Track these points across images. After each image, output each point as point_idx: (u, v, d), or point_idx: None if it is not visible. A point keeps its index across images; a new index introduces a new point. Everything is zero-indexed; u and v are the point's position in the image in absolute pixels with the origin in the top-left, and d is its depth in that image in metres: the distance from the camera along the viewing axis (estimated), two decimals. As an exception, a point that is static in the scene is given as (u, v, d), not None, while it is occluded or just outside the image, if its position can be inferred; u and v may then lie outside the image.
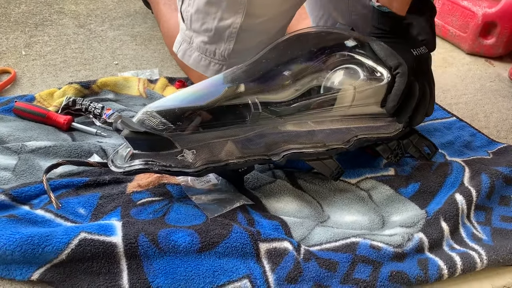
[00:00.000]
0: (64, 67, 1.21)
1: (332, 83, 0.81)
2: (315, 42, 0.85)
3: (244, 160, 0.76)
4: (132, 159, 0.73)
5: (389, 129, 0.85)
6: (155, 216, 0.73)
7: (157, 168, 0.72)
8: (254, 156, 0.77)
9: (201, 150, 0.73)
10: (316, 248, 0.72)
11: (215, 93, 0.76)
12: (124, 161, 0.73)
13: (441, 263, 0.72)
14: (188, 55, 1.03)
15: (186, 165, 0.73)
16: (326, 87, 0.82)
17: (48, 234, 0.64)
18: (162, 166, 0.72)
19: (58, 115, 0.95)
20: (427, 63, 0.86)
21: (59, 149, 0.85)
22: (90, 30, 1.41)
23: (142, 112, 0.73)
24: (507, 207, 0.87)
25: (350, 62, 0.82)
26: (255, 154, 0.77)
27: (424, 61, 0.84)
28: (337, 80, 0.81)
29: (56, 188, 0.77)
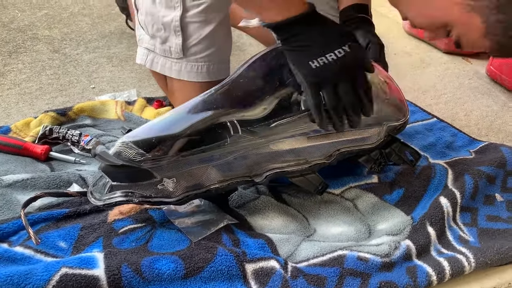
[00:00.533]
0: (40, 95, 1.19)
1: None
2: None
3: (226, 184, 0.76)
4: (112, 191, 0.72)
5: (370, 139, 0.84)
6: (138, 244, 0.71)
7: (137, 199, 0.71)
8: (237, 178, 0.76)
9: (182, 177, 0.72)
10: (303, 264, 0.71)
11: (192, 118, 0.74)
12: (103, 193, 0.72)
13: (430, 270, 0.72)
14: (155, 62, 1.04)
15: (166, 195, 0.72)
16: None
17: (28, 272, 0.62)
18: (143, 197, 0.71)
19: (35, 146, 0.93)
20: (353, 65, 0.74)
21: (37, 181, 0.83)
22: (65, 55, 1.40)
23: (119, 143, 0.72)
24: (492, 206, 0.87)
25: None
26: (237, 176, 0.76)
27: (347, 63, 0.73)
28: None
29: (35, 222, 0.75)
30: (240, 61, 1.40)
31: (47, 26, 1.56)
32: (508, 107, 1.31)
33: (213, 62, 1.01)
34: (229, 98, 0.77)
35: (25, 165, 0.91)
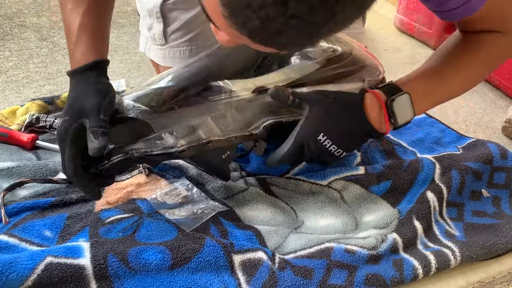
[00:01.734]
0: (27, 83, 1.18)
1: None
2: None
3: (225, 138, 0.75)
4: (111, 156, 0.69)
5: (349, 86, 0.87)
6: (125, 234, 0.71)
7: (139, 154, 0.69)
8: (235, 133, 0.76)
9: (180, 130, 0.71)
10: (291, 256, 0.71)
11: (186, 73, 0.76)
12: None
13: (416, 263, 0.72)
14: (150, 50, 1.05)
15: (168, 147, 0.70)
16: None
17: (12, 260, 0.61)
18: (143, 152, 0.69)
19: (21, 134, 0.92)
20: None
21: (23, 169, 0.82)
22: (54, 43, 1.38)
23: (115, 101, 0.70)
24: (478, 202, 0.88)
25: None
26: (235, 131, 0.76)
27: None
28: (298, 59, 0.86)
29: (20, 211, 0.74)
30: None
31: (35, 14, 1.54)
32: (496, 104, 1.32)
33: (195, 46, 1.00)
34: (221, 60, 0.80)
35: (11, 154, 0.89)
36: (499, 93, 1.40)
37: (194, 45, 1.00)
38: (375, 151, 1.00)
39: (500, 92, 1.41)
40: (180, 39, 0.99)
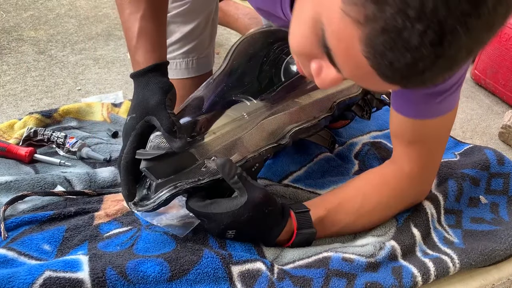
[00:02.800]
0: (24, 96, 1.18)
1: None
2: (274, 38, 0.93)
3: (258, 154, 0.77)
4: (157, 190, 0.70)
5: (355, 88, 0.90)
6: (123, 247, 0.71)
7: (188, 185, 0.69)
8: (265, 147, 0.78)
9: (220, 154, 0.73)
10: (289, 266, 0.71)
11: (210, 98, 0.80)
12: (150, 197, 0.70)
13: (415, 271, 0.72)
14: None
15: (214, 173, 0.71)
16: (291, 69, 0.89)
17: (11, 275, 0.61)
18: (192, 182, 0.69)
19: (19, 148, 0.92)
20: None
21: (21, 183, 0.82)
22: (51, 56, 1.39)
23: (153, 137, 0.71)
24: (476, 208, 0.88)
25: None
26: (265, 145, 0.79)
27: None
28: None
29: (18, 225, 0.74)
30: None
31: (32, 27, 1.55)
32: (492, 110, 1.33)
33: (190, 58, 1.01)
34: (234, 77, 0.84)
35: (9, 168, 0.89)
36: (495, 99, 1.40)
37: (190, 57, 1.01)
38: (373, 158, 1.00)
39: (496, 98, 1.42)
40: (177, 51, 0.99)
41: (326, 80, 0.54)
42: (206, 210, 0.69)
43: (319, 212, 0.75)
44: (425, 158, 0.78)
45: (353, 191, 0.79)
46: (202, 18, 0.99)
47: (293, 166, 0.96)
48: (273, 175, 0.93)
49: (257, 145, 0.78)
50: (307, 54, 0.53)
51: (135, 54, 0.75)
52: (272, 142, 0.80)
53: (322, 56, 0.51)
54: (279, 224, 0.72)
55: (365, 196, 0.78)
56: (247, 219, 0.68)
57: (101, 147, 0.97)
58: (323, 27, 0.48)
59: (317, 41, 0.50)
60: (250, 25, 1.36)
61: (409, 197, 0.82)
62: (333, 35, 0.47)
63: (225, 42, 1.54)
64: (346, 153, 1.03)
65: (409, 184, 0.80)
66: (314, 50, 0.52)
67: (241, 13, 1.38)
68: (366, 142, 1.05)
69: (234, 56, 0.87)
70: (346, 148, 1.04)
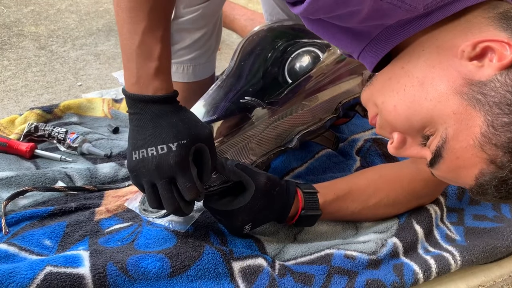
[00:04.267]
0: (25, 92, 1.18)
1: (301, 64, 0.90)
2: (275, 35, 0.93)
3: (266, 157, 0.79)
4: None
5: (359, 87, 0.90)
6: (124, 243, 0.71)
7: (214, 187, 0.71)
8: (273, 150, 0.80)
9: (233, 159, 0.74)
10: (291, 263, 0.71)
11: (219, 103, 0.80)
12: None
13: (416, 268, 0.72)
14: None
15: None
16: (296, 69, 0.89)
17: (12, 270, 0.61)
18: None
19: (20, 143, 0.92)
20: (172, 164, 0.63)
21: (21, 178, 0.82)
22: (52, 52, 1.38)
23: None
24: (477, 206, 0.88)
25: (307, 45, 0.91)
26: (273, 149, 0.80)
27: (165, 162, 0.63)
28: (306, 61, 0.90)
29: (19, 220, 0.74)
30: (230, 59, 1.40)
31: (33, 23, 1.54)
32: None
33: (199, 63, 1.01)
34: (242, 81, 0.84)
35: (10, 163, 0.89)
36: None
37: (197, 63, 1.01)
38: (375, 155, 1.00)
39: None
40: (186, 57, 0.99)
41: (404, 154, 0.58)
42: (223, 208, 0.70)
43: (328, 195, 0.76)
44: None
45: (364, 181, 0.80)
46: (211, 25, 1.00)
47: (295, 162, 0.96)
48: (274, 172, 0.93)
49: (266, 149, 0.79)
50: (397, 128, 0.56)
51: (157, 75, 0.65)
52: (280, 145, 0.81)
53: (412, 136, 0.56)
54: (287, 201, 0.72)
55: (376, 189, 0.79)
56: (260, 208, 0.69)
57: (102, 143, 0.96)
58: (445, 137, 0.51)
59: (420, 131, 0.54)
60: (246, 27, 1.37)
61: (421, 198, 0.82)
62: (453, 152, 0.51)
63: (227, 38, 1.53)
64: (347, 150, 1.02)
65: (423, 186, 0.80)
66: (409, 131, 0.55)
67: (237, 14, 1.38)
68: (367, 138, 1.05)
69: (240, 57, 0.88)
70: (347, 145, 1.03)
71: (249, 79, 0.85)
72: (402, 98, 0.55)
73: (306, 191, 0.75)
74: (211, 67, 1.07)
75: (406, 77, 0.55)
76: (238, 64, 0.87)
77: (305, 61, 0.90)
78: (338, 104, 0.87)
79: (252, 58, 0.88)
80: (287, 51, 0.90)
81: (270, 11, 1.15)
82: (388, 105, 0.56)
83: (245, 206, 0.68)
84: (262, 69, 0.86)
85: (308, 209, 0.74)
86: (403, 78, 0.55)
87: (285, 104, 0.82)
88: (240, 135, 0.78)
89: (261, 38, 0.91)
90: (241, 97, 0.82)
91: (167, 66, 0.67)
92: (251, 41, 0.90)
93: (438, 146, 0.53)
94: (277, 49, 0.89)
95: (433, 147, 0.54)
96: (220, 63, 1.33)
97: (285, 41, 0.91)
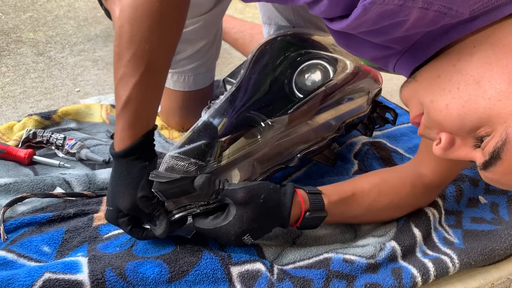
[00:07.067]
0: (23, 98, 1.18)
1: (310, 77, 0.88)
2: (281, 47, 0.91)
3: (266, 175, 0.79)
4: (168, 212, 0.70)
5: (363, 107, 0.90)
6: (123, 248, 0.71)
7: (199, 209, 0.69)
8: (274, 167, 0.80)
9: (232, 178, 0.74)
10: (289, 267, 0.71)
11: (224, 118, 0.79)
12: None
13: (415, 271, 0.72)
14: None
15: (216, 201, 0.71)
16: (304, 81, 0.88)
17: (10, 277, 0.61)
18: (203, 205, 0.69)
19: (19, 149, 0.92)
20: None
21: (20, 185, 0.82)
22: (50, 58, 1.39)
23: (168, 158, 0.70)
24: (475, 209, 0.88)
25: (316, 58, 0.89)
26: (274, 166, 0.80)
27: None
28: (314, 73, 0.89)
29: (18, 227, 0.74)
30: (228, 64, 1.40)
31: (31, 29, 1.55)
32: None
33: (200, 72, 1.02)
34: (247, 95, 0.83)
35: (8, 169, 0.89)
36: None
37: (198, 72, 1.02)
38: (372, 158, 1.00)
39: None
40: (187, 66, 1.00)
41: (451, 155, 0.56)
42: (210, 227, 0.68)
43: (332, 197, 0.75)
44: (448, 172, 0.80)
45: (368, 185, 0.79)
46: (212, 35, 1.01)
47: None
48: (272, 178, 0.92)
49: (266, 166, 0.79)
50: (446, 128, 0.54)
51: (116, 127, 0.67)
52: (280, 162, 0.81)
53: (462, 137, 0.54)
54: (283, 203, 0.70)
55: (380, 193, 0.78)
56: (250, 218, 0.68)
57: (100, 149, 0.96)
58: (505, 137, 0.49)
59: (472, 131, 0.52)
60: (237, 40, 1.37)
61: (419, 203, 0.83)
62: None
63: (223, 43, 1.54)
64: (345, 153, 1.02)
65: (423, 192, 0.81)
66: (459, 132, 0.53)
67: (226, 27, 1.39)
68: (365, 141, 1.05)
69: (249, 69, 0.86)
70: (345, 148, 1.04)
71: (256, 92, 0.84)
72: (455, 96, 0.52)
73: (310, 191, 0.74)
74: (211, 76, 1.08)
75: (459, 75, 0.52)
76: (248, 75, 0.86)
77: (313, 74, 0.89)
78: (341, 123, 0.87)
79: (260, 70, 0.87)
80: (295, 63, 0.88)
81: (269, 15, 1.16)
82: (439, 104, 0.53)
83: (231, 222, 0.67)
84: (270, 81, 0.85)
85: (313, 210, 0.72)
86: (455, 76, 0.53)
87: (291, 122, 0.81)
88: (243, 153, 0.76)
89: (271, 48, 0.90)
90: (247, 110, 0.81)
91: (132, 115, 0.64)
92: (260, 51, 0.89)
93: (497, 148, 0.50)
94: (286, 60, 0.88)
95: (490, 149, 0.51)
96: (219, 68, 1.33)
97: (292, 52, 0.90)
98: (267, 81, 0.85)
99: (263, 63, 0.87)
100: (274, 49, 0.89)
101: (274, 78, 0.86)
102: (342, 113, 0.87)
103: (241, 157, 0.75)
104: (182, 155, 0.71)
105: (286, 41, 0.91)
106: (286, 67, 0.87)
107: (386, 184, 0.80)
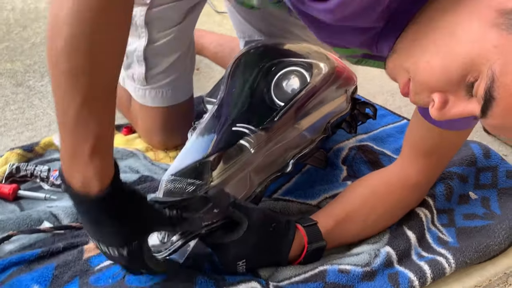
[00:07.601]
0: (5, 131, 1.16)
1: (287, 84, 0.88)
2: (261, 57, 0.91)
3: (264, 185, 0.79)
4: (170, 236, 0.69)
5: (344, 105, 0.91)
6: (115, 279, 0.70)
7: (204, 230, 0.68)
8: (270, 177, 0.80)
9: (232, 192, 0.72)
10: (285, 283, 0.71)
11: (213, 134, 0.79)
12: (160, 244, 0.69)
13: (411, 275, 0.72)
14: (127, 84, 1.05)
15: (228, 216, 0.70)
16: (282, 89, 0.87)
17: (1, 322, 0.60)
18: (207, 225, 0.68)
19: (2, 185, 0.91)
20: None
21: (6, 223, 0.81)
22: (29, 87, 1.37)
23: (164, 182, 0.70)
24: (467, 205, 0.88)
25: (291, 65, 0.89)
26: (270, 175, 0.80)
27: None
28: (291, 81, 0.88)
29: (6, 268, 0.72)
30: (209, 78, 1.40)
31: (8, 59, 1.53)
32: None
33: (178, 85, 1.01)
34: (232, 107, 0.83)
35: (-7, 207, 0.88)
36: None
37: (176, 85, 1.02)
38: (360, 162, 1.00)
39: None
40: (163, 81, 1.00)
41: (449, 115, 0.54)
42: (215, 241, 0.69)
43: (327, 224, 0.75)
44: (434, 171, 0.81)
45: (358, 201, 0.80)
46: (185, 47, 1.01)
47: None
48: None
49: (263, 176, 0.79)
50: (435, 86, 0.53)
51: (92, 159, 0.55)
52: (276, 170, 0.81)
53: (453, 92, 0.52)
54: (286, 238, 0.71)
55: (372, 207, 0.79)
56: (254, 243, 0.68)
57: (86, 177, 0.95)
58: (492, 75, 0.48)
59: (461, 82, 0.51)
60: (216, 53, 1.37)
61: (411, 204, 0.83)
62: (506, 88, 0.48)
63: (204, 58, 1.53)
64: (333, 159, 1.02)
65: (412, 193, 0.82)
66: (448, 86, 0.52)
67: (205, 42, 1.39)
68: (352, 146, 1.05)
69: (229, 83, 0.87)
70: (332, 154, 1.03)
71: (238, 105, 0.84)
72: (433, 51, 0.52)
73: (306, 224, 0.74)
74: (189, 88, 1.07)
75: (432, 32, 0.53)
76: (228, 90, 0.87)
77: (290, 81, 0.89)
78: (327, 124, 0.87)
79: (238, 83, 0.87)
80: (271, 72, 0.88)
81: (241, 28, 1.17)
82: (420, 63, 0.53)
83: (237, 241, 0.67)
84: (249, 94, 0.85)
85: (313, 242, 0.73)
86: (430, 34, 0.53)
87: (279, 129, 0.81)
88: (238, 166, 0.76)
89: (246, 62, 0.91)
90: (234, 124, 0.80)
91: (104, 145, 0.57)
92: (236, 65, 0.90)
93: (487, 88, 0.48)
94: (262, 71, 0.88)
95: (481, 92, 0.49)
96: (200, 83, 1.33)
97: (266, 62, 0.90)
98: (248, 94, 0.85)
99: (240, 77, 0.88)
100: (248, 62, 0.90)
101: (253, 91, 0.86)
102: (325, 113, 0.88)
103: (237, 170, 0.75)
104: (178, 177, 0.70)
105: (258, 54, 0.92)
106: (263, 78, 0.88)
107: (376, 196, 0.80)
